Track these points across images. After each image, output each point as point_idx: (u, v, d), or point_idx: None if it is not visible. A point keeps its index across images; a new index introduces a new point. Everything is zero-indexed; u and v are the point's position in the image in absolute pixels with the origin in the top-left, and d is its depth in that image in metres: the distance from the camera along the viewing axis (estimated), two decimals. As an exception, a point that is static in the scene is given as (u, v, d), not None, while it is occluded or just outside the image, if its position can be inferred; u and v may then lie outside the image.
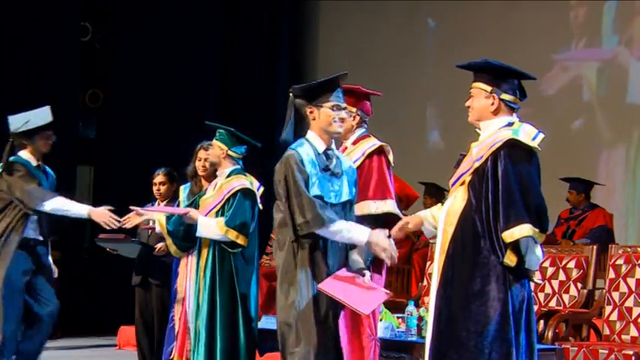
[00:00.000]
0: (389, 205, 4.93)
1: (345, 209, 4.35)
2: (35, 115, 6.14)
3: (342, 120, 4.38)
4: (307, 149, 4.33)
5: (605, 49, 10.62)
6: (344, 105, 4.39)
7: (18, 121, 6.09)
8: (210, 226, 5.55)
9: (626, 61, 10.46)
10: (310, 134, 4.41)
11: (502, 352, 3.88)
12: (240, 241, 5.53)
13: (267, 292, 9.08)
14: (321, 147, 4.37)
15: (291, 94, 4.38)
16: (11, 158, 6.05)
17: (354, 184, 4.46)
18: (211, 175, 6.10)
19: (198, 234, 5.60)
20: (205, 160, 6.20)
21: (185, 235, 5.70)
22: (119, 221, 5.75)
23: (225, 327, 5.54)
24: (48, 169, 6.30)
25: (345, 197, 4.37)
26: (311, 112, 4.37)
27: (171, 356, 6.16)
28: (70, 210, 5.96)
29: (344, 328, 4.86)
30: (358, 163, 5.00)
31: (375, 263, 4.95)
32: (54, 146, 11.07)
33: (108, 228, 5.88)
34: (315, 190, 4.23)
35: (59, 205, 5.95)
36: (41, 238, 6.21)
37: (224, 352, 5.51)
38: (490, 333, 3.89)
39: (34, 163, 6.12)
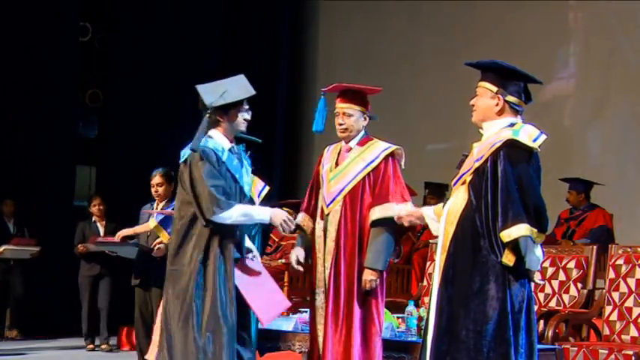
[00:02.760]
0: (409, 208, 4.97)
1: None
2: (232, 84, 4.83)
3: None
4: None
5: (604, 49, 10.61)
6: None
7: (212, 93, 4.79)
8: None
9: (626, 62, 10.46)
10: None
11: (500, 351, 3.89)
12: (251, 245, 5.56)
13: (267, 292, 9.07)
14: None
15: None
16: (200, 145, 4.69)
17: None
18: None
19: None
20: None
21: None
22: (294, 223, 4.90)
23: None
24: (242, 151, 4.97)
25: None
26: None
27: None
28: (253, 217, 4.72)
29: (357, 329, 4.89)
30: (374, 164, 5.03)
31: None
32: (53, 146, 11.12)
33: (283, 231, 4.85)
34: None
35: (240, 214, 4.63)
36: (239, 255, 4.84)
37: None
38: (489, 332, 3.89)
39: (226, 145, 4.77)
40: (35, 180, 10.99)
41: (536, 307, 4.26)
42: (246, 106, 4.79)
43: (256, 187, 5.70)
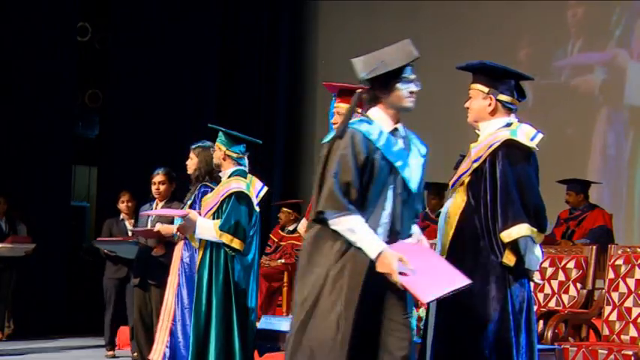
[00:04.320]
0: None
1: None
2: (392, 51, 4.03)
3: None
4: None
5: (603, 50, 10.61)
6: None
7: (367, 64, 4.02)
8: (208, 229, 5.56)
9: (624, 62, 10.46)
10: None
11: (502, 352, 3.89)
12: (236, 244, 5.53)
13: (267, 292, 9.08)
14: None
15: None
16: (350, 126, 3.82)
17: None
18: (200, 176, 6.28)
19: (196, 235, 5.62)
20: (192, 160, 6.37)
21: None
22: None
23: (219, 326, 5.53)
24: (413, 136, 4.04)
25: None
26: None
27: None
28: (357, 242, 3.70)
29: None
30: None
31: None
32: (53, 146, 11.11)
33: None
34: None
35: (347, 227, 3.70)
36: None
37: (218, 352, 5.51)
38: (490, 333, 3.89)
39: (387, 126, 3.87)
40: (34, 180, 10.99)
41: (535, 307, 4.26)
42: (412, 76, 3.87)
43: (255, 187, 5.71)
